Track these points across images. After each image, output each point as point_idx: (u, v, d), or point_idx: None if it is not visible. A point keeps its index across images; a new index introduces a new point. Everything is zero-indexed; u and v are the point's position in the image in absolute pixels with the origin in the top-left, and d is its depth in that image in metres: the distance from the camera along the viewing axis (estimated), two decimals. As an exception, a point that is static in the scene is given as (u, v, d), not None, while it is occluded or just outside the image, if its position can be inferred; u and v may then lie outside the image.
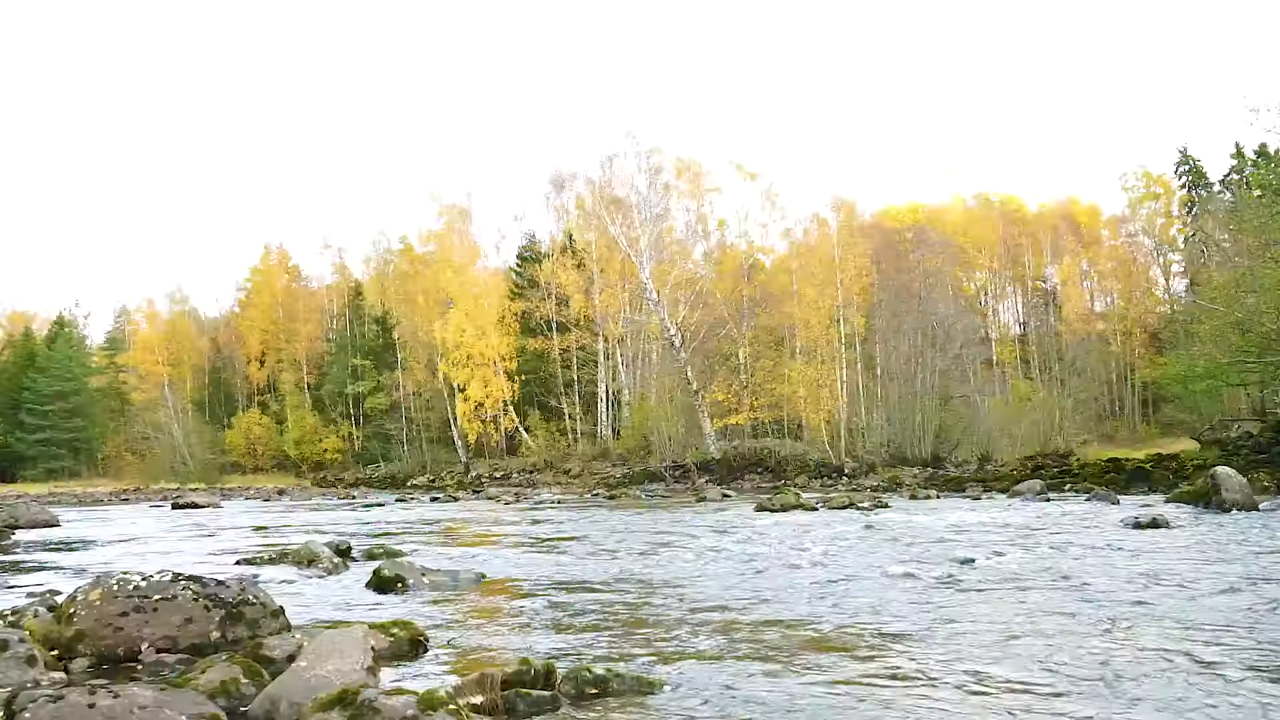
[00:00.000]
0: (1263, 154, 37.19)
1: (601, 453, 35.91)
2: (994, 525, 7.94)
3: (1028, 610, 3.68)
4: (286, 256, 59.74)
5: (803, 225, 35.08)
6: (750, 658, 2.94)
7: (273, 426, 52.64)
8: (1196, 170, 45.12)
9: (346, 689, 2.22)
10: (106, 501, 26.84)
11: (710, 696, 2.48)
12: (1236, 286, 19.54)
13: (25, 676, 2.57)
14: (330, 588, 4.87)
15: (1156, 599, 3.87)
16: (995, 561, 5.34)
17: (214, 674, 2.51)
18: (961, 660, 2.84)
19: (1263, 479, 13.19)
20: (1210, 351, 21.66)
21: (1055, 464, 21.84)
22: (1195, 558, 5.22)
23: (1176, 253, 45.72)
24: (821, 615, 3.74)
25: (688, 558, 6.08)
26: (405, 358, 43.82)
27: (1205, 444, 20.04)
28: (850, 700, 2.41)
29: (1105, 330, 45.94)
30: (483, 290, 40.13)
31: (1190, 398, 30.09)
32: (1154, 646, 2.94)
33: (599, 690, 2.50)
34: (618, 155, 33.90)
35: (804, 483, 24.13)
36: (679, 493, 20.88)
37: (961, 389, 32.78)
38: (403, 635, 3.11)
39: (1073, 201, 52.24)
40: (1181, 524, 7.26)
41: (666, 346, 32.14)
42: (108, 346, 63.52)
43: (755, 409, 31.50)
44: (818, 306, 30.48)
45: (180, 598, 3.07)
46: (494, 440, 39.42)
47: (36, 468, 52.02)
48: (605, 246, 37.16)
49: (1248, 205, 21.63)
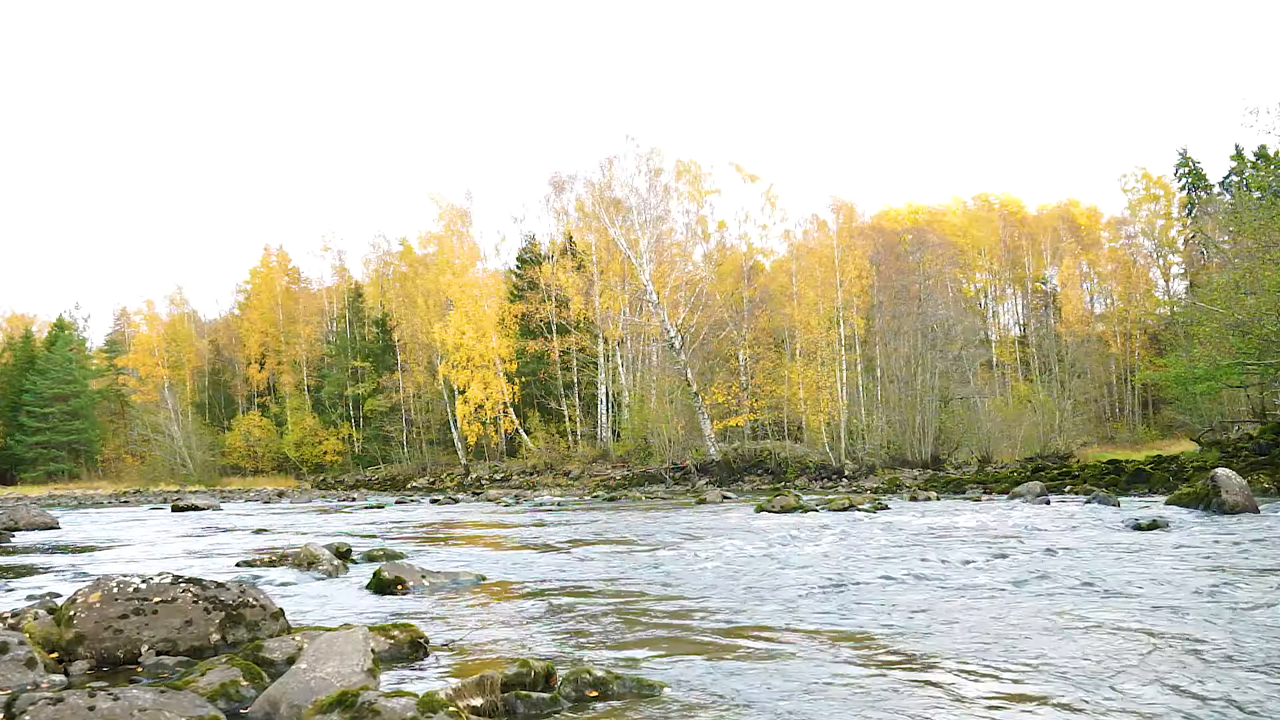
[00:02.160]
0: (1262, 155, 37.25)
1: (601, 454, 35.92)
2: (994, 527, 7.94)
3: (1027, 611, 3.68)
4: (286, 258, 59.78)
5: (802, 227, 35.13)
6: (751, 659, 2.94)
7: (272, 428, 52.64)
8: (1196, 172, 45.16)
9: (346, 691, 2.22)
10: (106, 504, 26.83)
11: (710, 698, 2.48)
12: (1236, 288, 19.55)
13: (25, 679, 2.57)
14: (330, 590, 4.87)
15: (1156, 599, 3.87)
16: (995, 563, 5.33)
17: (214, 676, 2.51)
18: (961, 661, 2.84)
19: (1263, 481, 13.21)
20: (1210, 353, 21.68)
21: (1055, 465, 21.88)
22: (1195, 559, 5.22)
23: (1176, 254, 45.78)
24: (822, 617, 3.74)
25: (688, 560, 6.08)
26: (405, 359, 43.84)
27: (1205, 446, 20.07)
28: (851, 701, 2.41)
29: (1105, 332, 45.97)
30: (483, 292, 40.14)
31: (1190, 399, 30.12)
32: (1154, 647, 2.94)
33: (599, 692, 2.50)
34: (618, 157, 34.02)
35: (804, 484, 24.15)
36: (679, 494, 20.87)
37: (961, 391, 32.79)
38: (402, 637, 3.11)
39: (1072, 203, 52.31)
40: (1181, 525, 7.26)
41: (666, 348, 32.15)
42: (107, 349, 63.58)
43: (755, 411, 31.51)
44: (817, 308, 30.49)
45: (180, 600, 3.07)
46: (494, 442, 39.42)
47: (36, 470, 52.08)
48: (605, 248, 37.19)
49: (1247, 207, 21.62)
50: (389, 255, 51.45)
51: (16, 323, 66.38)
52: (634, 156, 33.52)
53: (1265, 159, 36.29)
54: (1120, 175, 59.51)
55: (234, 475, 50.29)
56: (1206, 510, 8.38)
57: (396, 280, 47.78)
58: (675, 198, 34.83)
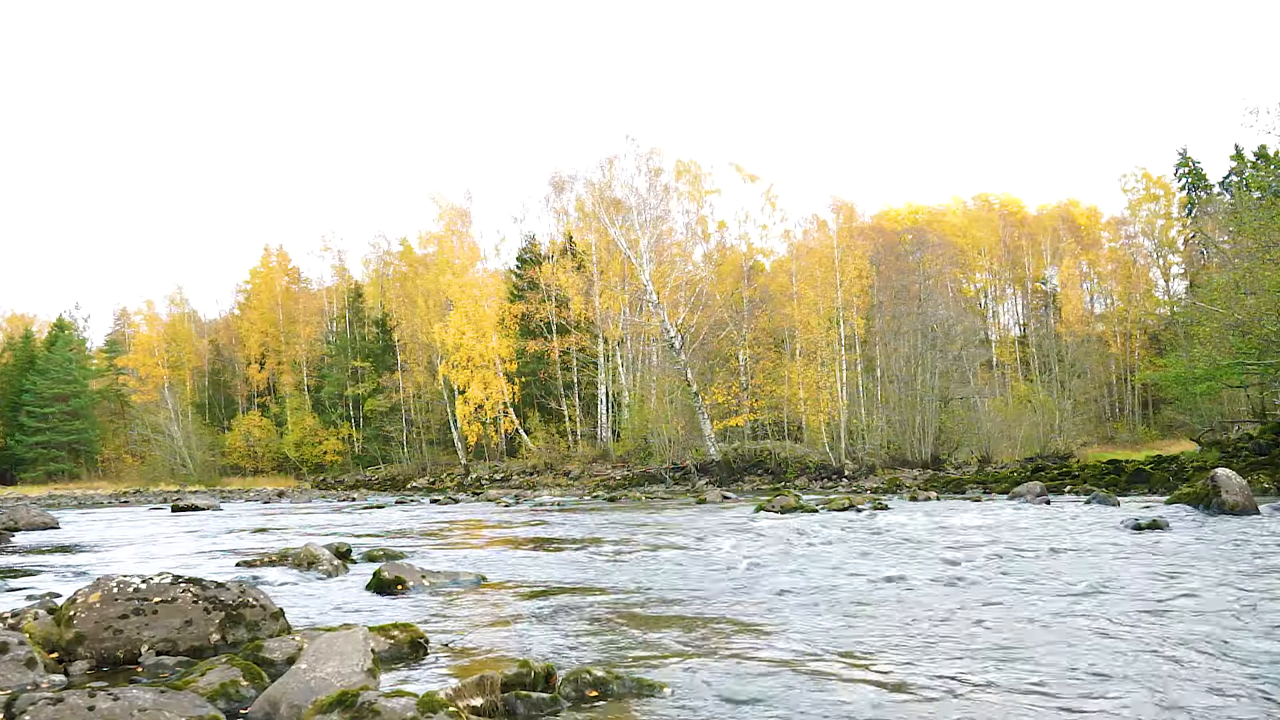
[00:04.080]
0: (1262, 155, 37.25)
1: (601, 454, 35.93)
2: (993, 527, 7.93)
3: (1027, 611, 3.68)
4: (286, 258, 59.82)
5: (802, 227, 35.17)
6: (751, 660, 2.94)
7: (272, 429, 52.66)
8: (1196, 172, 45.19)
9: (346, 691, 2.22)
10: (106, 504, 26.84)
11: (711, 699, 2.47)
12: (1236, 288, 19.56)
13: (25, 679, 2.57)
14: (330, 590, 4.86)
15: (1156, 600, 3.87)
16: (994, 563, 5.33)
17: (214, 676, 2.51)
18: (962, 662, 2.83)
19: (1263, 481, 13.21)
20: (1210, 353, 21.69)
21: (1055, 465, 21.89)
22: (1195, 559, 5.22)
23: (1176, 254, 45.81)
24: (823, 617, 3.73)
25: (688, 560, 6.08)
26: (405, 359, 43.84)
27: (1205, 446, 20.07)
28: (851, 702, 2.41)
29: (1105, 332, 45.99)
30: (482, 292, 40.15)
31: (1190, 399, 30.15)
32: (1154, 647, 2.94)
33: (599, 692, 2.50)
34: (618, 157, 34.03)
35: (804, 484, 24.15)
36: (679, 494, 20.87)
37: (961, 391, 32.81)
38: (402, 637, 3.11)
39: (1072, 203, 52.34)
40: (1181, 526, 7.26)
41: (666, 348, 32.15)
42: (107, 349, 63.61)
43: (755, 411, 31.51)
44: (817, 308, 30.50)
45: (180, 600, 3.07)
46: (494, 442, 39.43)
47: (36, 470, 52.10)
48: (605, 248, 37.21)
49: (1247, 207, 21.63)
50: (389, 255, 51.51)
51: (16, 323, 66.41)
52: (634, 156, 33.58)
53: (1265, 159, 36.30)
54: (1120, 175, 59.62)
55: (234, 475, 50.31)
56: (1206, 510, 8.38)
57: (396, 280, 47.80)
58: (675, 198, 34.88)
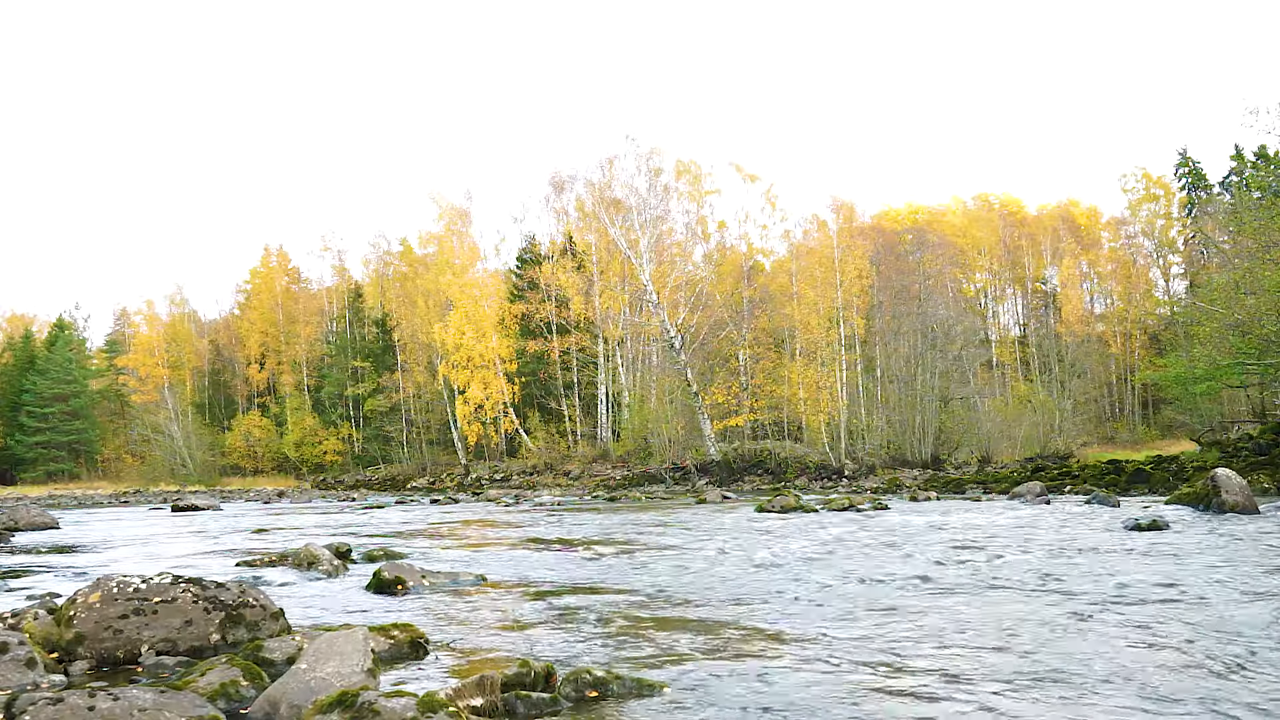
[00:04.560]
0: (1262, 155, 37.26)
1: (601, 454, 35.93)
2: (994, 527, 7.94)
3: (1026, 612, 3.68)
4: (286, 258, 59.82)
5: (802, 227, 35.16)
6: (751, 660, 2.94)
7: (272, 429, 52.66)
8: (1196, 172, 45.18)
9: (346, 691, 2.22)
10: (106, 504, 26.84)
11: (711, 699, 2.47)
12: (1236, 288, 19.56)
13: (25, 679, 2.57)
14: (330, 590, 4.86)
15: (1156, 600, 3.87)
16: (995, 564, 5.33)
17: (214, 676, 2.51)
18: (961, 662, 2.83)
19: (1263, 481, 13.21)
20: (1210, 353, 21.71)
21: (1055, 465, 21.89)
22: (1195, 559, 5.22)
23: (1176, 254, 45.81)
24: (823, 618, 3.73)
25: (688, 560, 6.08)
26: (405, 360, 43.84)
27: (1205, 446, 20.06)
28: (852, 703, 2.41)
29: (1105, 332, 45.99)
30: (482, 292, 40.15)
31: (1190, 399, 30.15)
32: (1153, 647, 2.94)
33: (599, 692, 2.50)
34: (617, 157, 34.05)
35: (804, 484, 24.15)
36: (679, 494, 20.87)
37: (961, 391, 32.81)
38: (402, 637, 3.11)
39: (1072, 203, 52.35)
40: (1181, 526, 7.26)
41: (666, 348, 32.15)
42: (107, 349, 63.61)
43: (755, 411, 31.50)
44: (817, 308, 30.50)
45: (180, 600, 3.07)
46: (494, 442, 39.43)
47: (36, 470, 52.08)
48: (605, 248, 37.20)
49: (1247, 207, 21.63)
50: (389, 255, 51.52)
51: (16, 323, 66.41)
52: (634, 156, 33.60)
53: (1265, 159, 36.30)
54: (1120, 175, 59.62)
55: (234, 475, 50.31)
56: (1206, 510, 8.38)
57: (396, 280, 47.80)
58: (675, 198, 34.89)
